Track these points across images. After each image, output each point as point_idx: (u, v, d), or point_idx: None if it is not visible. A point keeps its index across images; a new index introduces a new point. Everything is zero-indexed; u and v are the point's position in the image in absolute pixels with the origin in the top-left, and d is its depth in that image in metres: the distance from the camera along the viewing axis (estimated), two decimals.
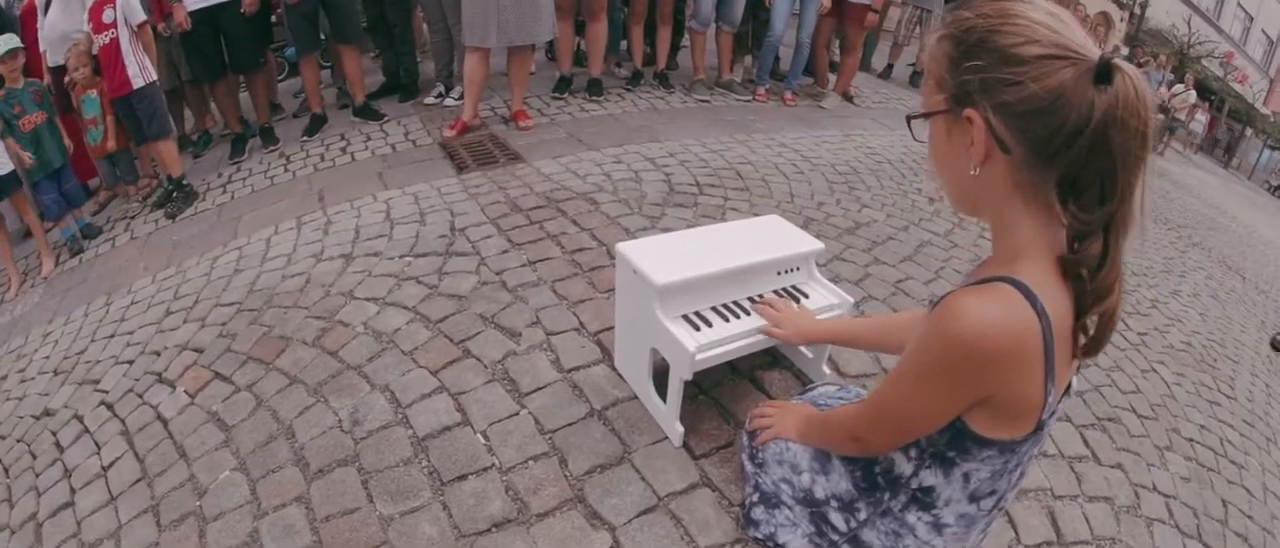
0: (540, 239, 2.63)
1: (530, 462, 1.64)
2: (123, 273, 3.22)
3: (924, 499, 1.06)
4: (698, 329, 1.56)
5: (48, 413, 2.30)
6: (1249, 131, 36.07)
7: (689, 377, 1.53)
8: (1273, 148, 37.18)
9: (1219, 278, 4.25)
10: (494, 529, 1.49)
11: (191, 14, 3.86)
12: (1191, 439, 2.25)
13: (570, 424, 1.74)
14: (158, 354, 2.34)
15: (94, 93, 3.90)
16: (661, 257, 1.62)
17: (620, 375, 1.88)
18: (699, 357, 1.50)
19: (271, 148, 4.24)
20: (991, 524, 1.09)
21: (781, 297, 1.71)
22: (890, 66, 7.06)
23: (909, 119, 0.95)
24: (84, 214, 4.00)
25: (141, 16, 3.72)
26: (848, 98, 5.62)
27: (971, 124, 0.84)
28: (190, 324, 2.44)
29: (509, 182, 3.23)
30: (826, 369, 1.87)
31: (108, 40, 3.68)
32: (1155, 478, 1.96)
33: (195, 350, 2.26)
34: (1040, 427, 0.92)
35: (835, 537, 1.18)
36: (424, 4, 4.62)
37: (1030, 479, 1.74)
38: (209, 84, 4.35)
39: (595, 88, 4.76)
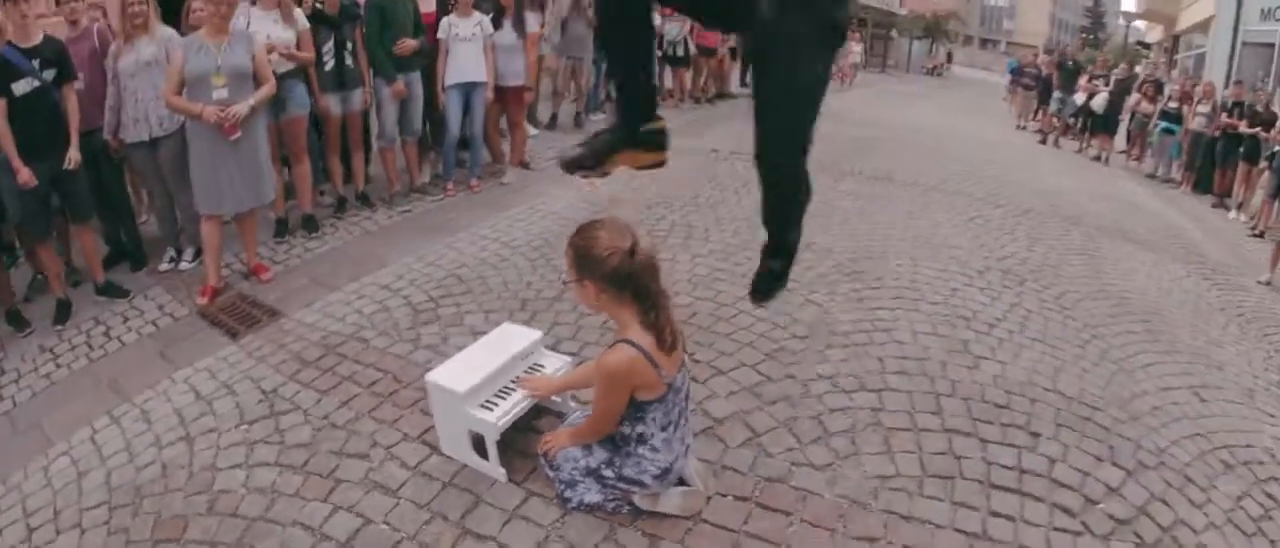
0: (340, 383, 3.62)
1: (423, 526, 2.72)
2: (25, 443, 3.53)
3: (642, 438, 2.57)
4: (492, 410, 2.86)
5: None
6: (894, 33, 43.52)
7: (497, 438, 2.84)
8: (916, 38, 45.24)
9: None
10: None
11: None
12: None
13: (435, 496, 2.86)
14: None
15: None
16: (453, 375, 2.91)
17: (449, 457, 3.02)
18: (500, 425, 2.82)
19: (25, 332, 4.59)
20: (686, 438, 2.66)
21: (531, 373, 3.10)
22: (554, 116, 8.81)
23: (564, 282, 2.51)
24: None
25: None
26: (525, 165, 7.03)
27: (586, 287, 2.39)
28: (67, 533, 2.96)
29: (283, 338, 4.13)
30: (572, 402, 3.22)
31: None
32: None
33: None
34: (671, 389, 2.50)
35: (611, 479, 2.61)
36: (142, 172, 5.25)
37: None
38: None
39: (310, 223, 5.68)
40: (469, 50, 6.08)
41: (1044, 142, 15.29)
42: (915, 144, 12.05)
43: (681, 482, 2.75)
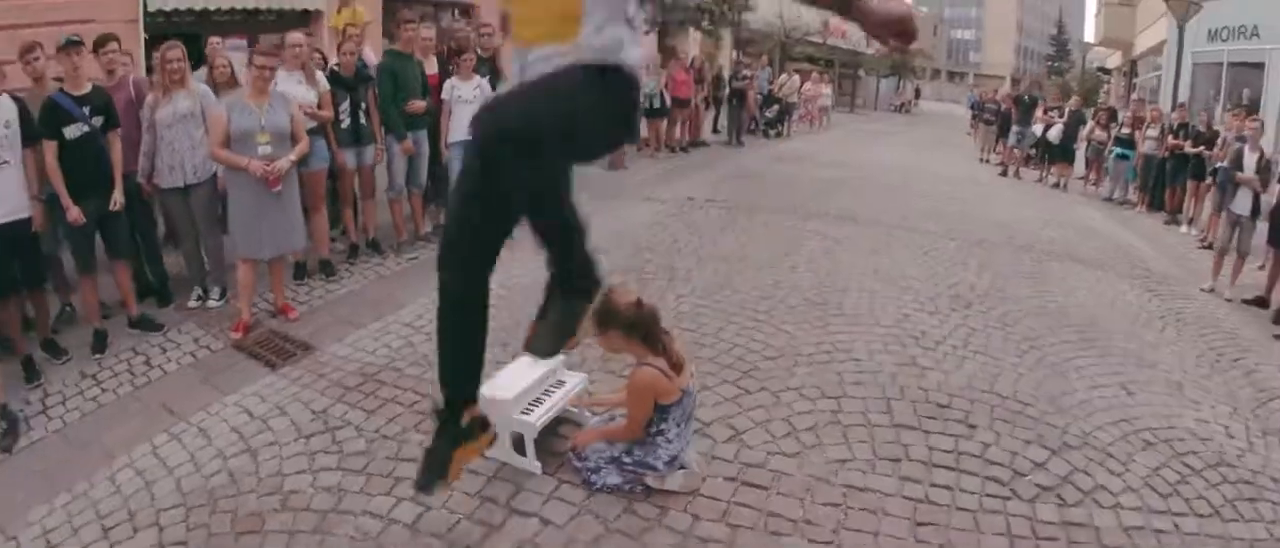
0: (384, 404, 4.24)
1: (476, 508, 3.36)
2: (44, 479, 3.83)
3: (661, 432, 3.29)
4: (530, 414, 3.54)
5: None
6: (861, 72, 44.74)
7: (535, 437, 3.51)
8: (884, 76, 46.46)
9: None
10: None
11: None
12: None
13: (483, 486, 3.50)
14: None
15: None
16: (498, 387, 3.55)
17: (489, 457, 3.63)
18: (538, 425, 3.53)
19: (63, 360, 5.01)
20: (688, 434, 3.39)
21: (556, 386, 3.81)
22: None
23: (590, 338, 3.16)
24: None
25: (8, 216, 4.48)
26: None
27: (609, 336, 3.20)
28: (145, 531, 3.37)
29: (320, 369, 4.74)
30: (587, 412, 3.91)
31: None
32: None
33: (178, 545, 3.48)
34: (685, 394, 3.22)
35: (629, 464, 3.26)
36: (174, 215, 5.88)
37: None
38: None
39: (328, 267, 6.33)
40: (470, 111, 6.80)
41: (1005, 174, 16.28)
42: (880, 183, 13.06)
43: (681, 467, 3.45)
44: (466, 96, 6.82)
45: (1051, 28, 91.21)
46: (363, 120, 6.61)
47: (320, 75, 6.30)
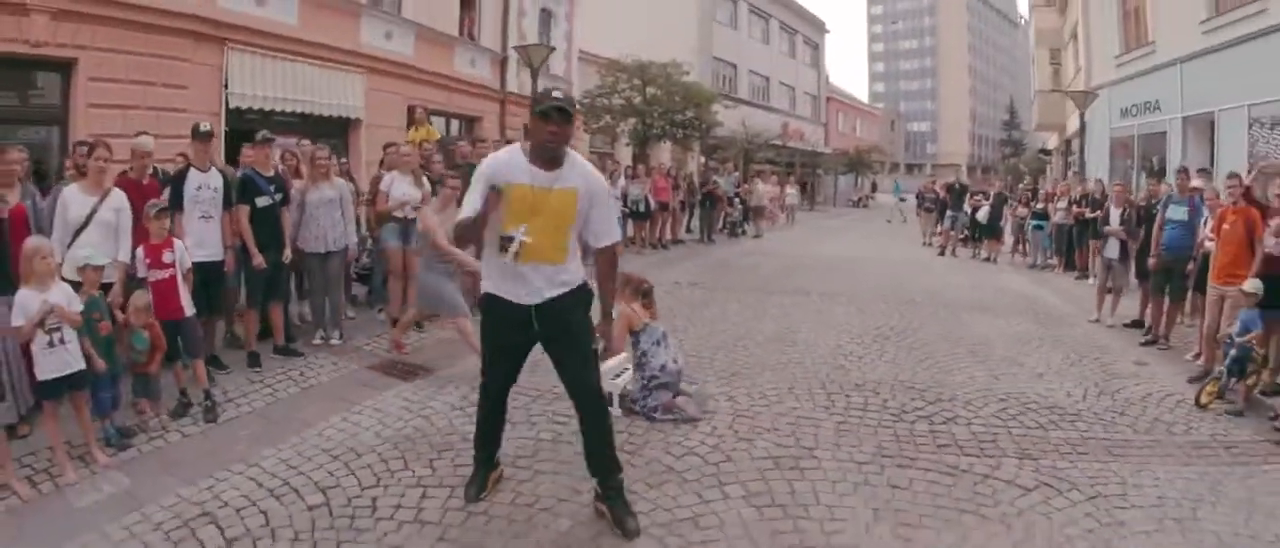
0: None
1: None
2: (257, 438, 5.46)
3: (643, 352, 6.20)
4: (615, 380, 6.13)
5: None
6: (820, 171, 48.43)
7: (619, 393, 6.07)
8: (841, 174, 50.25)
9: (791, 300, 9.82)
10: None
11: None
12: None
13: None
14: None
15: (145, 333, 5.56)
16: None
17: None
18: (620, 383, 6.16)
19: (228, 371, 6.87)
20: (676, 354, 6.30)
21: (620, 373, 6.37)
22: None
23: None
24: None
25: (189, 263, 6.02)
26: None
27: (624, 295, 6.21)
28: (366, 455, 5.15)
29: (442, 384, 6.89)
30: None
31: (165, 276, 5.80)
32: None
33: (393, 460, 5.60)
34: (647, 325, 6.34)
35: (645, 379, 6.11)
36: (313, 275, 8.25)
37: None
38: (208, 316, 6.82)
39: (420, 324, 8.90)
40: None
41: (943, 253, 19.39)
42: (832, 267, 16.35)
43: (687, 391, 6.17)
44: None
45: (1003, 114, 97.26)
46: None
47: (424, 178, 8.97)
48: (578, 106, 22.82)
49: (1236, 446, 5.85)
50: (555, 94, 4.05)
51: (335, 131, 13.21)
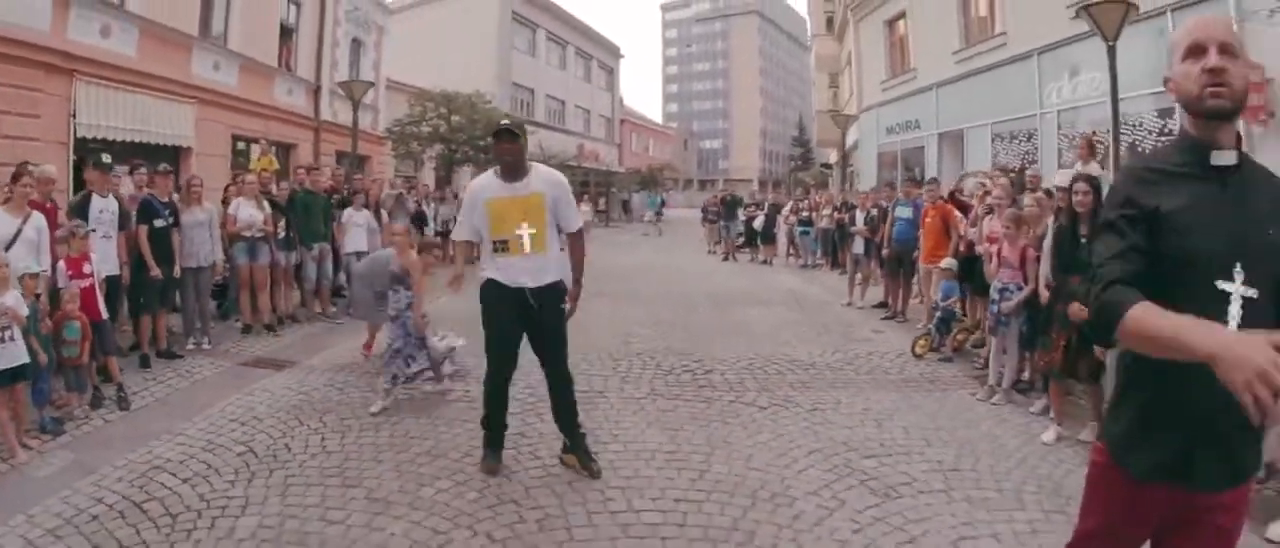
0: (364, 375, 8.65)
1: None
2: (172, 416, 6.31)
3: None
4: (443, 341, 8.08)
5: None
6: (614, 189, 51.22)
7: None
8: (635, 191, 53.12)
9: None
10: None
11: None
12: None
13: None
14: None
15: (77, 322, 6.57)
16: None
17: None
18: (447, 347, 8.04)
19: (147, 368, 8.30)
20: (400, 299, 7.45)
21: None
22: None
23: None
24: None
25: (103, 274, 7.38)
26: None
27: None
28: (269, 419, 6.59)
29: (306, 373, 8.77)
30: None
31: (87, 284, 6.93)
32: None
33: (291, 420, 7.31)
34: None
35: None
36: (184, 285, 9.53)
37: None
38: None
39: (272, 327, 10.62)
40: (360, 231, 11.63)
41: (725, 259, 22.59)
42: (623, 277, 18.30)
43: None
44: (358, 221, 11.61)
45: (793, 131, 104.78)
46: (291, 233, 10.98)
47: (264, 201, 10.64)
48: (388, 133, 25.00)
49: (938, 380, 8.28)
50: (503, 121, 5.34)
51: (169, 158, 14.09)
